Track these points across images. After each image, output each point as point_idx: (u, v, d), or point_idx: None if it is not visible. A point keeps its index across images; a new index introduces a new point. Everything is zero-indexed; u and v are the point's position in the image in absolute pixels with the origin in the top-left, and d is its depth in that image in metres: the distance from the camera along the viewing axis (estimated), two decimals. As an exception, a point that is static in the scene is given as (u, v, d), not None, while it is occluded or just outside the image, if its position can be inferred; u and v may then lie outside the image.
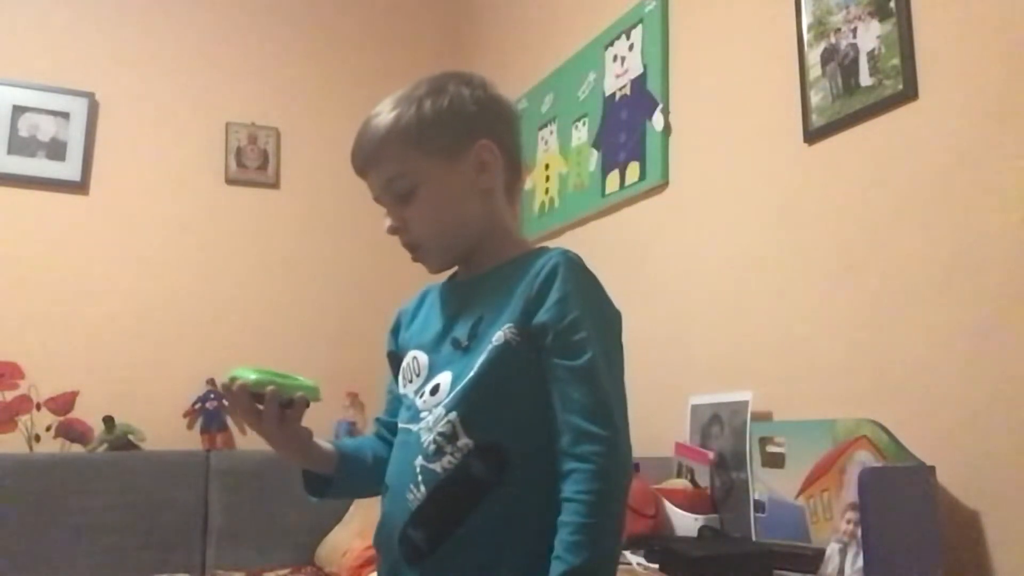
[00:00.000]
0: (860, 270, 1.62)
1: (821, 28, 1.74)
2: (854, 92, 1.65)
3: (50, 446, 2.93)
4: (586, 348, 0.93)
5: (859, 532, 1.28)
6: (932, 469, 1.35)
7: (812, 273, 1.74)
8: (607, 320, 0.99)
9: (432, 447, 0.98)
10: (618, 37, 2.46)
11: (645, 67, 2.32)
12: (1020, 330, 1.32)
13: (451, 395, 0.98)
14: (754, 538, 1.63)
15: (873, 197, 1.61)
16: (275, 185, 3.39)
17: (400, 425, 1.07)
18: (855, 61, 1.65)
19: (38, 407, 2.95)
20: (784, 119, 1.82)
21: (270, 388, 1.00)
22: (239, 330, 3.26)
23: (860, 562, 1.26)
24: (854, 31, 1.66)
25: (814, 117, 1.74)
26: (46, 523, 2.63)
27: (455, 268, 1.15)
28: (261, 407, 1.01)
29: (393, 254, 3.80)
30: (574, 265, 0.99)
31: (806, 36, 1.78)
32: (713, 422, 1.86)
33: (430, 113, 1.04)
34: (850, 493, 1.32)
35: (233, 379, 1.00)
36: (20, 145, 3.07)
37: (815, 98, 1.74)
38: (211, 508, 2.85)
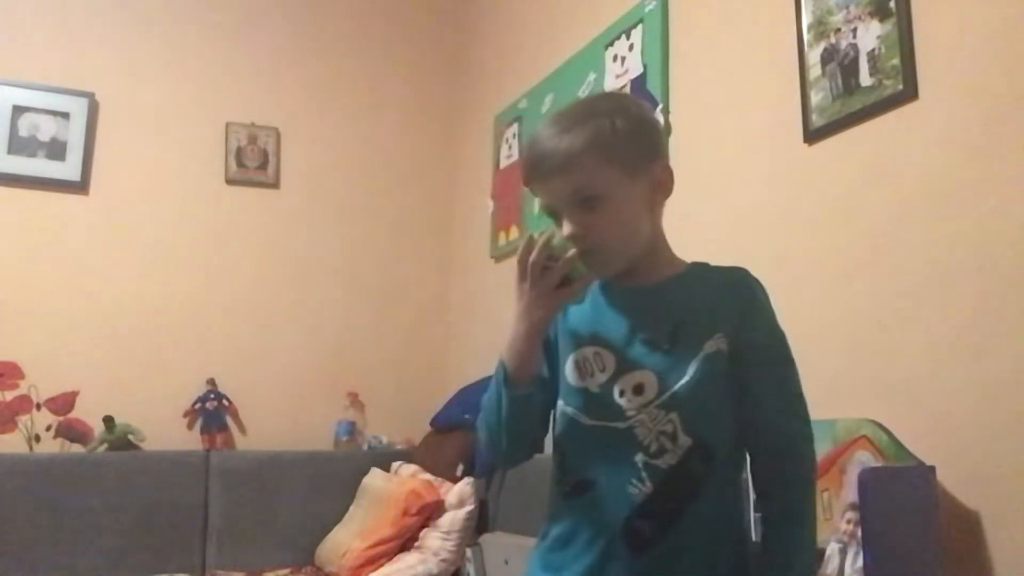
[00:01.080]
0: (860, 270, 1.62)
1: (821, 28, 1.74)
2: (854, 92, 1.65)
3: (50, 446, 2.94)
4: (792, 366, 1.13)
5: (859, 532, 1.28)
6: (932, 469, 1.35)
7: (812, 273, 1.74)
8: (784, 334, 1.16)
9: (655, 446, 1.07)
10: (618, 37, 2.46)
11: (645, 67, 2.32)
12: (1020, 330, 1.32)
13: (665, 395, 1.08)
14: (754, 538, 1.63)
15: (873, 197, 1.61)
16: (275, 185, 3.39)
17: (591, 422, 1.11)
18: (855, 61, 1.65)
19: (38, 407, 2.95)
20: (784, 119, 1.82)
21: (571, 254, 1.08)
22: (239, 330, 3.27)
23: (860, 562, 1.26)
24: (854, 31, 1.66)
25: (814, 117, 1.74)
26: (46, 523, 2.63)
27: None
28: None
29: (393, 255, 3.79)
30: (762, 286, 1.16)
31: (806, 36, 1.78)
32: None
33: (623, 130, 1.11)
34: (850, 493, 1.32)
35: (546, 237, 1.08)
36: (20, 145, 3.07)
37: (815, 98, 1.74)
38: (211, 508, 2.85)
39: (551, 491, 1.17)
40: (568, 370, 1.15)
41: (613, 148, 1.09)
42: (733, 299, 1.12)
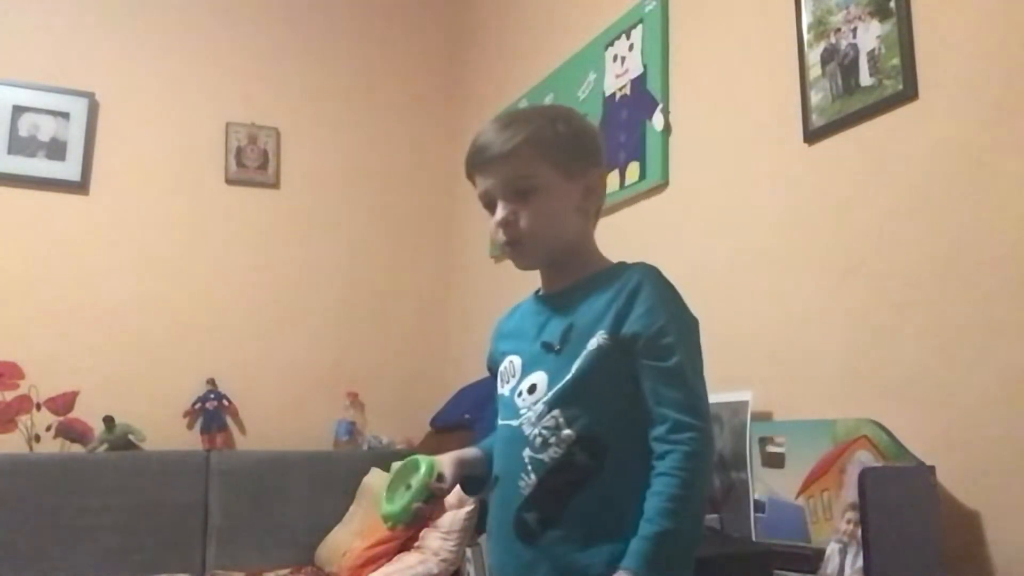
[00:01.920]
0: (860, 270, 1.62)
1: (821, 28, 1.74)
2: (854, 92, 1.65)
3: (50, 446, 2.94)
4: (674, 351, 1.09)
5: (859, 532, 1.28)
6: (932, 469, 1.35)
7: (812, 273, 1.74)
8: (688, 326, 1.16)
9: (539, 440, 1.13)
10: (618, 37, 2.46)
11: (645, 67, 2.32)
12: (1020, 330, 1.32)
13: (551, 393, 1.13)
14: (754, 538, 1.63)
15: (873, 197, 1.61)
16: (275, 185, 3.39)
17: (501, 422, 1.21)
18: (855, 61, 1.65)
19: (38, 407, 2.95)
20: (784, 119, 1.82)
21: (415, 508, 1.14)
22: (239, 330, 3.27)
23: (860, 562, 1.26)
24: (854, 31, 1.66)
25: (814, 117, 1.74)
26: (46, 523, 2.63)
27: (535, 281, 1.28)
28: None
29: (392, 255, 3.80)
30: (657, 277, 1.17)
31: (806, 36, 1.78)
32: (713, 422, 1.85)
33: (564, 133, 1.19)
34: (850, 493, 1.32)
35: (387, 518, 1.16)
36: (20, 145, 3.07)
37: (815, 98, 1.74)
38: (211, 508, 2.85)
39: None
40: (498, 380, 1.26)
41: (551, 147, 1.17)
42: (618, 294, 1.14)
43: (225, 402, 3.17)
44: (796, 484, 1.54)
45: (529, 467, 1.13)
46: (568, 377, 1.12)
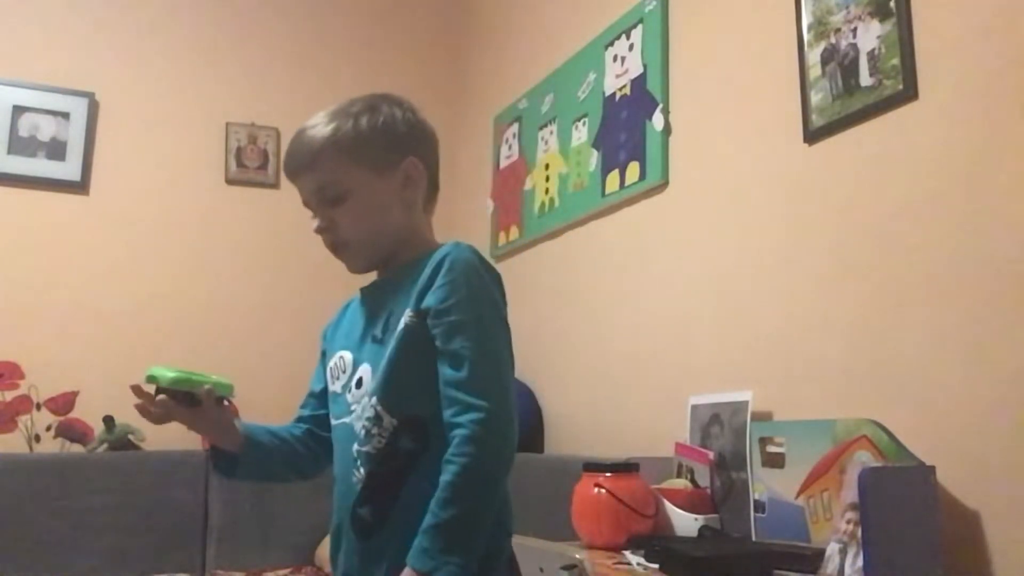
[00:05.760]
0: (860, 270, 1.62)
1: (821, 28, 1.74)
2: (854, 92, 1.65)
3: (50, 446, 2.94)
4: (461, 330, 1.06)
5: (859, 532, 1.28)
6: (932, 469, 1.35)
7: (812, 273, 1.74)
8: (485, 304, 1.10)
9: (363, 432, 1.11)
10: (618, 37, 2.46)
11: (645, 67, 2.32)
12: (1020, 330, 1.32)
13: (373, 383, 1.12)
14: (754, 538, 1.63)
15: (873, 197, 1.61)
16: (275, 185, 3.39)
17: (334, 421, 1.21)
18: (855, 61, 1.65)
19: (38, 407, 2.95)
20: (784, 119, 1.82)
21: (167, 385, 1.16)
22: (239, 330, 3.27)
23: (860, 562, 1.26)
24: (854, 31, 1.66)
25: (814, 117, 1.74)
26: (46, 523, 2.63)
27: (373, 272, 1.27)
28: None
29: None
30: (461, 253, 1.12)
31: (806, 36, 1.78)
32: (713, 422, 1.86)
33: (366, 129, 1.16)
34: (850, 493, 1.32)
35: (151, 378, 1.15)
36: (20, 145, 3.07)
37: (815, 98, 1.74)
38: (211, 508, 2.85)
39: None
40: (327, 377, 1.26)
41: (354, 147, 1.15)
42: (426, 272, 1.12)
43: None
44: (796, 484, 1.54)
45: (358, 461, 1.11)
46: (383, 362, 1.11)
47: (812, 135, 1.75)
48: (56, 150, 3.11)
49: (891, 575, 1.25)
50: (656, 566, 1.50)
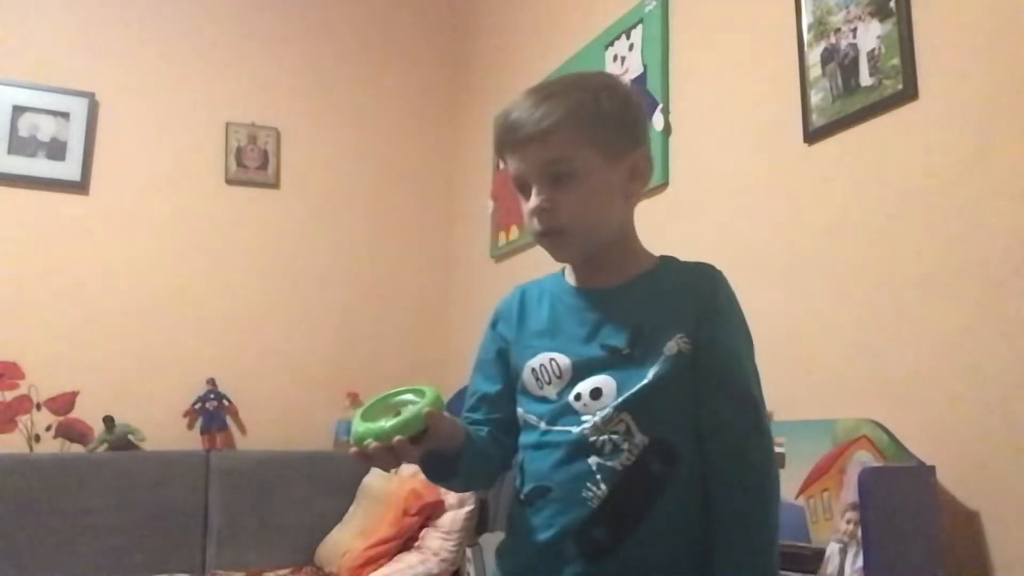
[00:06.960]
0: (860, 270, 1.62)
1: (821, 28, 1.74)
2: (854, 92, 1.65)
3: (50, 446, 2.94)
4: (743, 362, 1.07)
5: (859, 532, 1.28)
6: (932, 469, 1.35)
7: (812, 273, 1.74)
8: (749, 335, 1.11)
9: (608, 445, 1.01)
10: (618, 37, 2.46)
11: (645, 67, 2.32)
12: (1020, 330, 1.32)
13: (622, 397, 1.02)
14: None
15: (873, 197, 1.61)
16: (275, 185, 3.39)
17: (543, 426, 1.07)
18: (855, 61, 1.65)
19: (38, 407, 2.95)
20: (784, 119, 1.82)
21: (397, 440, 0.98)
22: (239, 330, 3.27)
23: (860, 562, 1.26)
24: (854, 31, 1.66)
25: (814, 117, 1.74)
26: (46, 523, 2.63)
27: (546, 269, 1.20)
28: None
29: (392, 255, 3.79)
30: (727, 284, 1.11)
31: (806, 36, 1.78)
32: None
33: (607, 108, 1.05)
34: (850, 493, 1.32)
35: (361, 439, 0.99)
36: (20, 145, 3.07)
37: (815, 98, 1.74)
38: (211, 508, 2.85)
39: (512, 499, 1.13)
40: (526, 377, 1.11)
41: (594, 126, 1.04)
42: (695, 298, 1.07)
43: (225, 402, 3.17)
44: (796, 484, 1.54)
45: (598, 476, 1.01)
46: (644, 382, 1.02)
47: (812, 135, 1.75)
48: (56, 150, 3.11)
49: (891, 575, 1.25)
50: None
